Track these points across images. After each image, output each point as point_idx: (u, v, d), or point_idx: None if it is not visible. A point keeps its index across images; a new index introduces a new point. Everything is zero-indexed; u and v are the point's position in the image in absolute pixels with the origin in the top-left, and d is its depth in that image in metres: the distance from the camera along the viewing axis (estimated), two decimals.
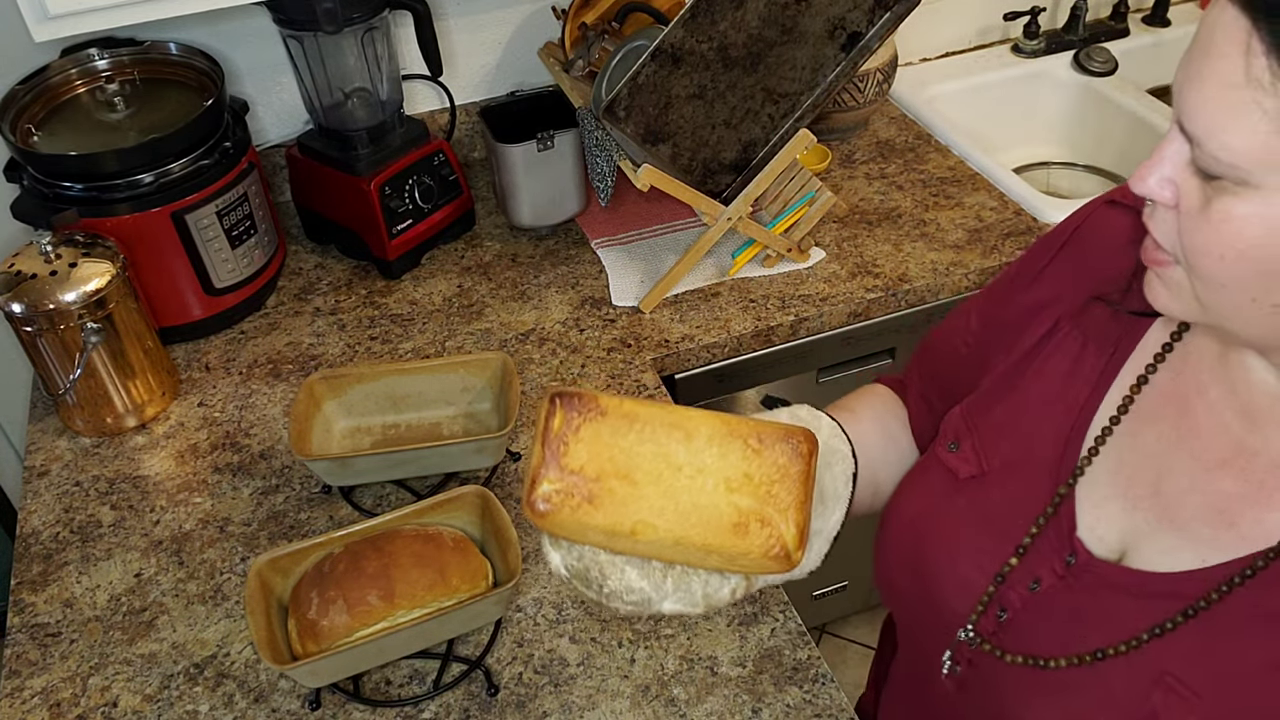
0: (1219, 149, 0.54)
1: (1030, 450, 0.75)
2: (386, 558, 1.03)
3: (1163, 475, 0.69)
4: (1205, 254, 0.57)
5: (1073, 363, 0.75)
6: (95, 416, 1.33)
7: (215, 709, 1.04)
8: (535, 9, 1.71)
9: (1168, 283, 0.62)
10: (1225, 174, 0.54)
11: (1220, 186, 0.55)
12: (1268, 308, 0.57)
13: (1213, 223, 0.56)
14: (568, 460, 0.64)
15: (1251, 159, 0.53)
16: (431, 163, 1.55)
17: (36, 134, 1.38)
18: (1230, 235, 0.55)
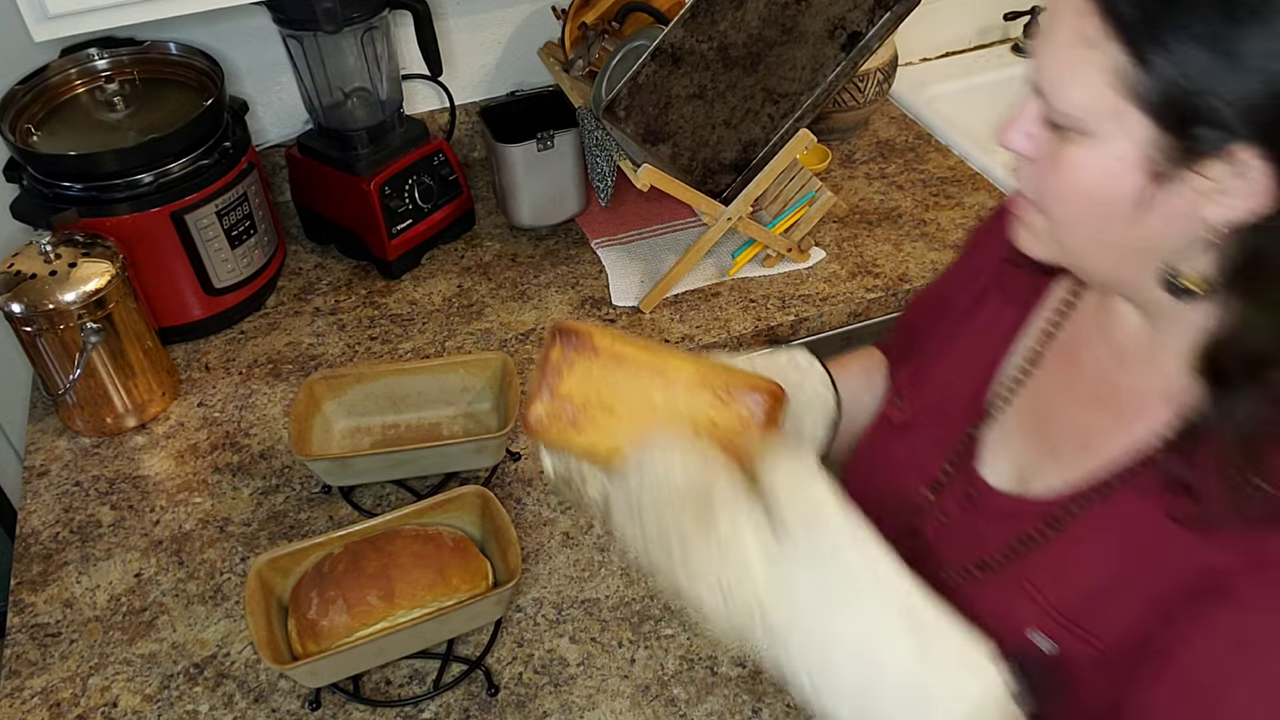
0: (1061, 102, 0.61)
1: (951, 399, 0.84)
2: (386, 558, 1.03)
3: (1051, 414, 0.77)
4: (1057, 198, 0.65)
5: (991, 320, 0.84)
6: (95, 416, 1.33)
7: (215, 709, 1.04)
8: (535, 9, 1.71)
9: (1030, 228, 0.70)
10: (1069, 125, 0.61)
11: (1067, 137, 0.62)
12: (1109, 245, 0.65)
13: (1061, 170, 0.63)
14: (559, 388, 0.72)
15: (1088, 110, 0.60)
16: (431, 162, 1.55)
17: (36, 134, 1.38)
18: (1075, 180, 0.63)
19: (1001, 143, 0.67)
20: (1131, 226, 0.62)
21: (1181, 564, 0.65)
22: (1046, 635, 0.70)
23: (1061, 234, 0.67)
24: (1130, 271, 0.66)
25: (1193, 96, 0.55)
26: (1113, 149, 0.60)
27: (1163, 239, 0.62)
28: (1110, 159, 0.60)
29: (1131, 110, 0.58)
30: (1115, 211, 0.62)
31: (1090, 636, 0.69)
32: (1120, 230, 0.63)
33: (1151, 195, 0.60)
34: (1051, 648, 0.70)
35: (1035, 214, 0.68)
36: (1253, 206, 0.58)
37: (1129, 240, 0.63)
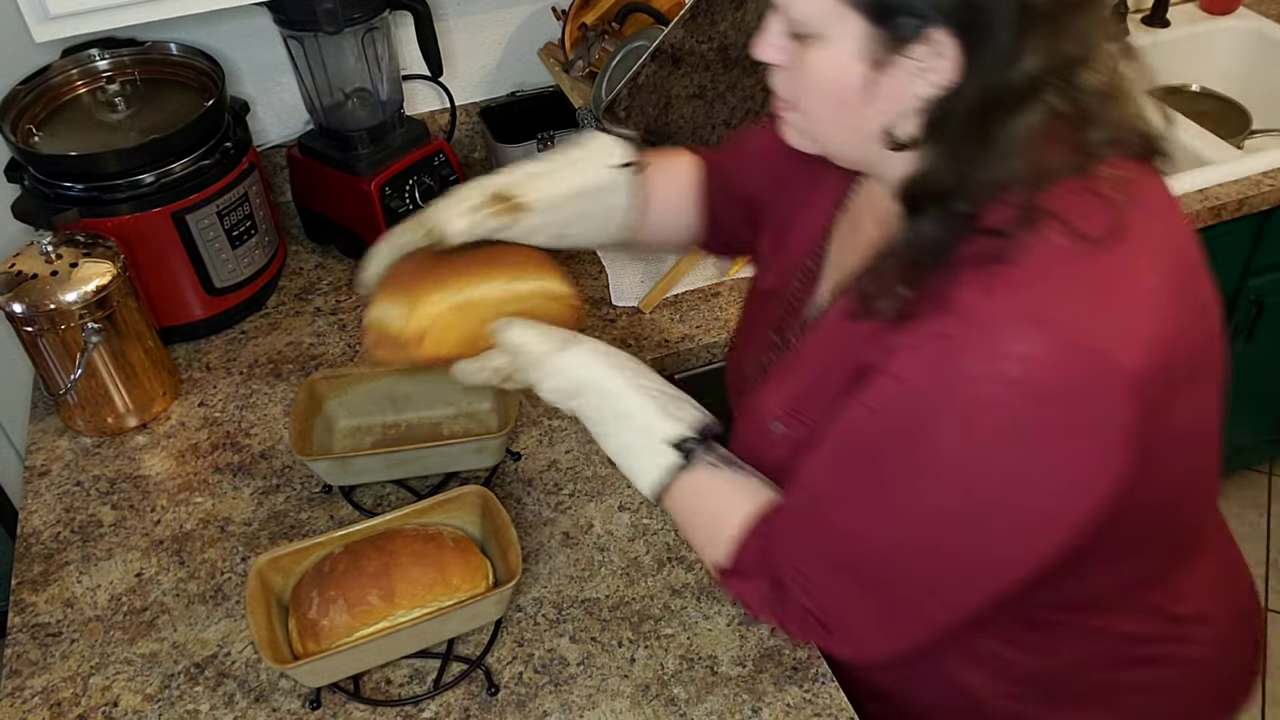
0: (794, 12, 0.75)
1: (796, 266, 1.00)
2: (387, 557, 1.04)
3: (843, 265, 0.93)
4: (803, 95, 0.79)
5: (828, 192, 0.98)
6: (96, 416, 1.33)
7: (216, 708, 1.04)
8: (535, 9, 1.72)
9: (792, 125, 0.84)
10: (805, 31, 0.75)
11: (805, 43, 0.75)
12: (850, 130, 0.78)
13: (803, 70, 0.77)
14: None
15: (815, 16, 0.73)
16: (432, 163, 1.56)
17: (37, 134, 1.38)
18: (815, 77, 0.76)
19: (754, 55, 0.80)
20: (863, 110, 0.76)
21: (854, 359, 0.81)
22: (781, 422, 0.90)
23: (814, 126, 0.81)
24: (869, 149, 0.79)
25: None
26: (839, 47, 0.73)
27: (889, 117, 0.75)
28: (839, 55, 0.74)
29: (847, 11, 0.72)
30: (849, 99, 0.75)
31: (805, 420, 0.87)
32: (855, 115, 0.76)
33: (874, 81, 0.73)
34: (783, 431, 0.89)
35: (792, 112, 0.82)
36: (947, 78, 0.71)
37: (863, 122, 0.77)
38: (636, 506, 1.20)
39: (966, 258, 0.73)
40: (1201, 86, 2.02)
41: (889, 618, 0.82)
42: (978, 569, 0.77)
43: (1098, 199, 0.72)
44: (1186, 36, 2.08)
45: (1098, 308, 0.70)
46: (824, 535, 0.81)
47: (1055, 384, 0.68)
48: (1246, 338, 1.92)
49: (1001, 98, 0.69)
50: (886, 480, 0.76)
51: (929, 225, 0.75)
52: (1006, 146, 0.71)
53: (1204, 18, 2.10)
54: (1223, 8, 2.10)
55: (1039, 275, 0.70)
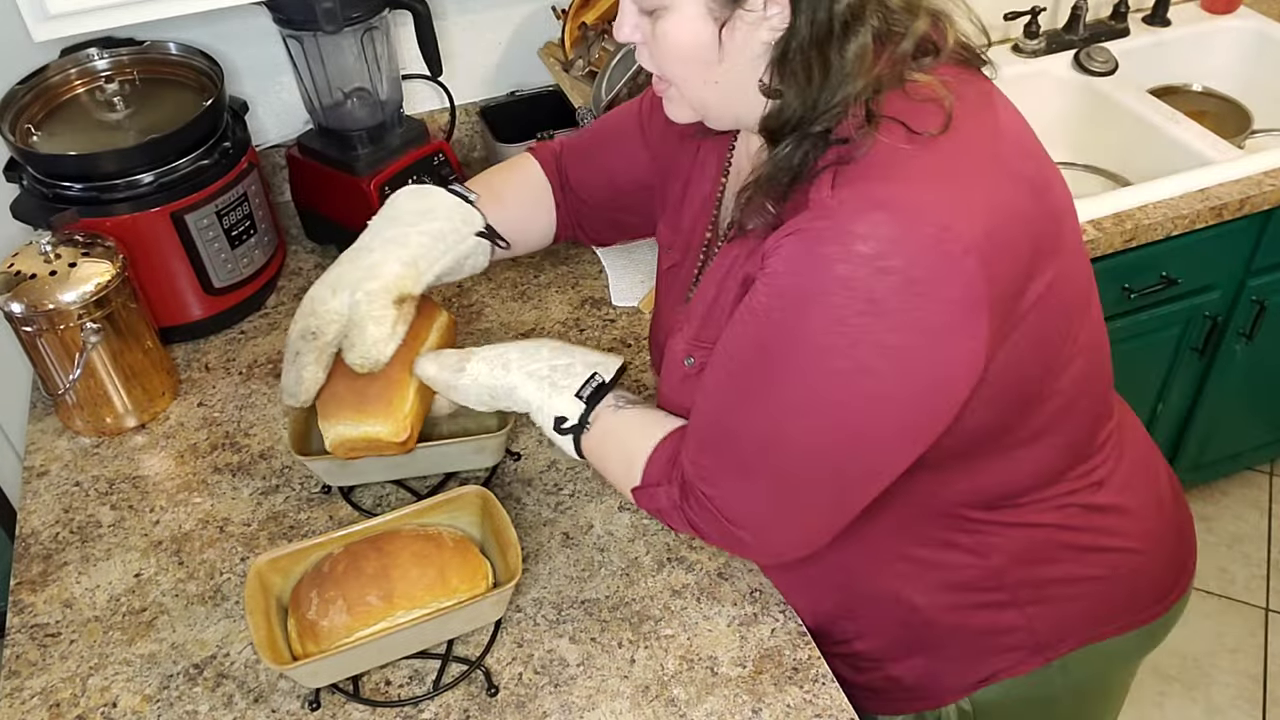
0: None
1: (691, 238, 1.07)
2: (386, 558, 1.03)
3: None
4: (667, 64, 0.86)
5: (706, 167, 1.06)
6: (95, 416, 1.33)
7: (215, 709, 1.04)
8: (535, 9, 1.71)
9: (671, 99, 0.91)
10: (652, 6, 0.83)
11: (655, 16, 0.83)
12: (715, 87, 0.86)
13: (660, 42, 0.84)
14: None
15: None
16: (431, 163, 1.55)
17: (36, 134, 1.38)
18: (672, 45, 0.83)
19: (618, 39, 0.87)
20: (720, 65, 0.83)
21: (739, 276, 0.89)
22: (692, 356, 0.97)
23: (685, 92, 0.88)
24: (739, 101, 0.86)
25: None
26: (684, 12, 0.81)
27: (744, 66, 0.83)
28: (685, 20, 0.81)
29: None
30: (704, 57, 0.83)
31: (709, 345, 0.93)
32: (714, 71, 0.84)
33: (721, 37, 0.81)
34: (694, 363, 0.96)
35: (664, 84, 0.89)
36: (781, 24, 0.79)
37: (724, 77, 0.84)
38: (636, 507, 1.20)
39: (821, 167, 0.81)
40: (1203, 86, 2.01)
41: (786, 505, 0.89)
42: (860, 447, 0.84)
43: (928, 101, 0.81)
44: (1187, 36, 2.08)
45: (934, 188, 0.78)
46: (719, 433, 0.88)
47: (902, 255, 0.76)
48: (1247, 338, 1.92)
49: (830, 29, 0.78)
50: (768, 371, 0.83)
51: (788, 149, 0.83)
52: (845, 69, 0.79)
53: (1205, 17, 2.10)
54: (1224, 7, 2.09)
55: (880, 167, 0.79)
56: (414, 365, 1.08)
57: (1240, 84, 2.03)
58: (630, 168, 1.17)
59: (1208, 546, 2.30)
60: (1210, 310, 1.85)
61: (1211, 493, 2.40)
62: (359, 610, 1.01)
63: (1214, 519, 2.36)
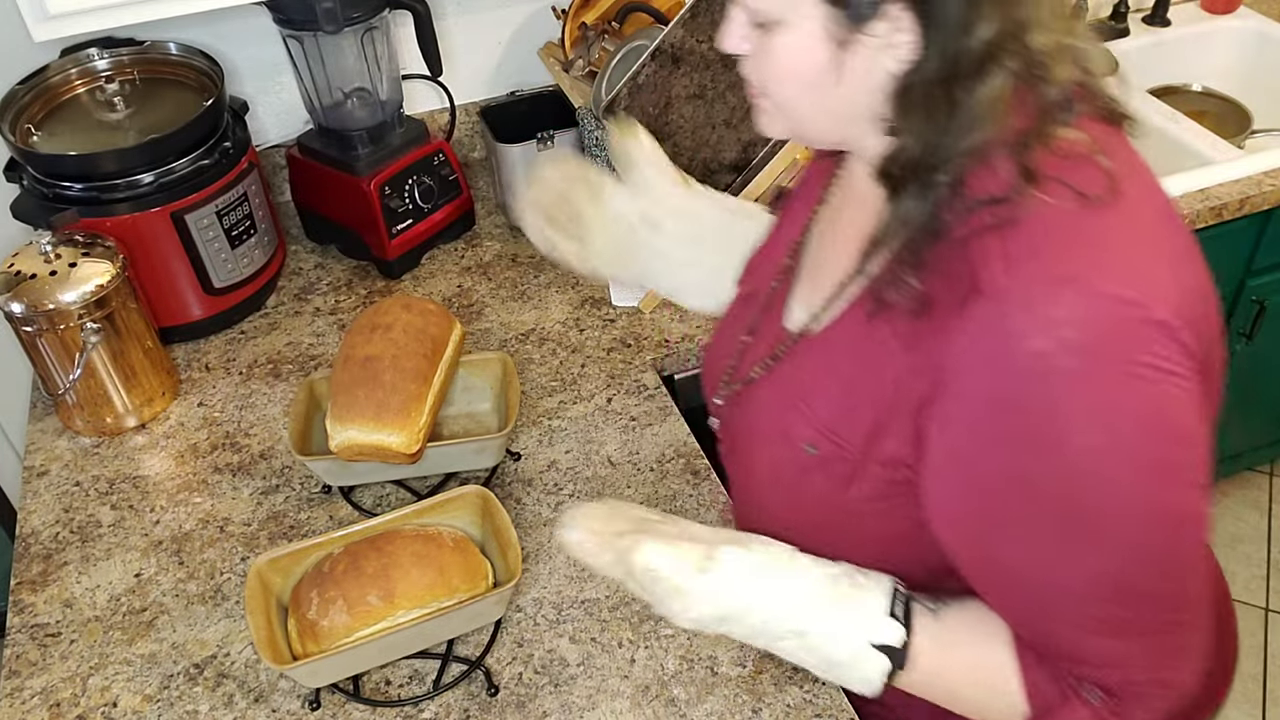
0: (754, 1, 0.76)
1: (770, 266, 0.99)
2: (386, 558, 1.03)
3: (824, 258, 0.92)
4: (773, 80, 0.79)
5: (804, 198, 0.99)
6: (95, 416, 1.33)
7: (215, 709, 1.04)
8: (535, 9, 1.71)
9: (765, 112, 0.84)
10: (766, 19, 0.76)
11: (768, 30, 0.76)
12: (822, 110, 0.79)
13: (769, 57, 0.77)
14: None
15: (773, 4, 0.74)
16: (431, 162, 1.55)
17: (36, 134, 1.38)
18: (782, 63, 0.76)
19: (721, 48, 0.81)
20: (834, 90, 0.76)
21: (884, 366, 0.78)
22: (813, 445, 0.84)
23: (786, 110, 0.81)
24: (845, 129, 0.80)
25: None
26: (802, 30, 0.74)
27: (861, 94, 0.75)
28: (802, 39, 0.74)
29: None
30: (818, 81, 0.76)
31: (842, 442, 0.82)
32: (826, 95, 0.77)
33: (840, 61, 0.74)
34: (815, 451, 0.84)
35: (763, 99, 0.82)
36: (909, 52, 0.71)
37: (835, 103, 0.77)
38: None
39: (971, 232, 0.72)
40: (1203, 86, 2.01)
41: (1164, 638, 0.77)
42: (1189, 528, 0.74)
43: (1079, 160, 0.73)
44: (1187, 36, 2.08)
45: (1121, 258, 0.69)
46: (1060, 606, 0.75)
47: (1114, 334, 0.67)
48: (1247, 338, 1.92)
49: (962, 65, 0.70)
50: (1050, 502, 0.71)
51: (913, 202, 0.75)
52: (974, 112, 0.71)
53: (1205, 17, 2.10)
54: (1223, 7, 2.09)
55: (1058, 237, 0.70)
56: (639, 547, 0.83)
57: (1240, 84, 2.03)
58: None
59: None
60: None
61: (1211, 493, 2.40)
62: (359, 610, 1.01)
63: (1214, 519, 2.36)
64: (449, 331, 1.22)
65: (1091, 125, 0.76)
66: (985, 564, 0.78)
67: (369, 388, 1.13)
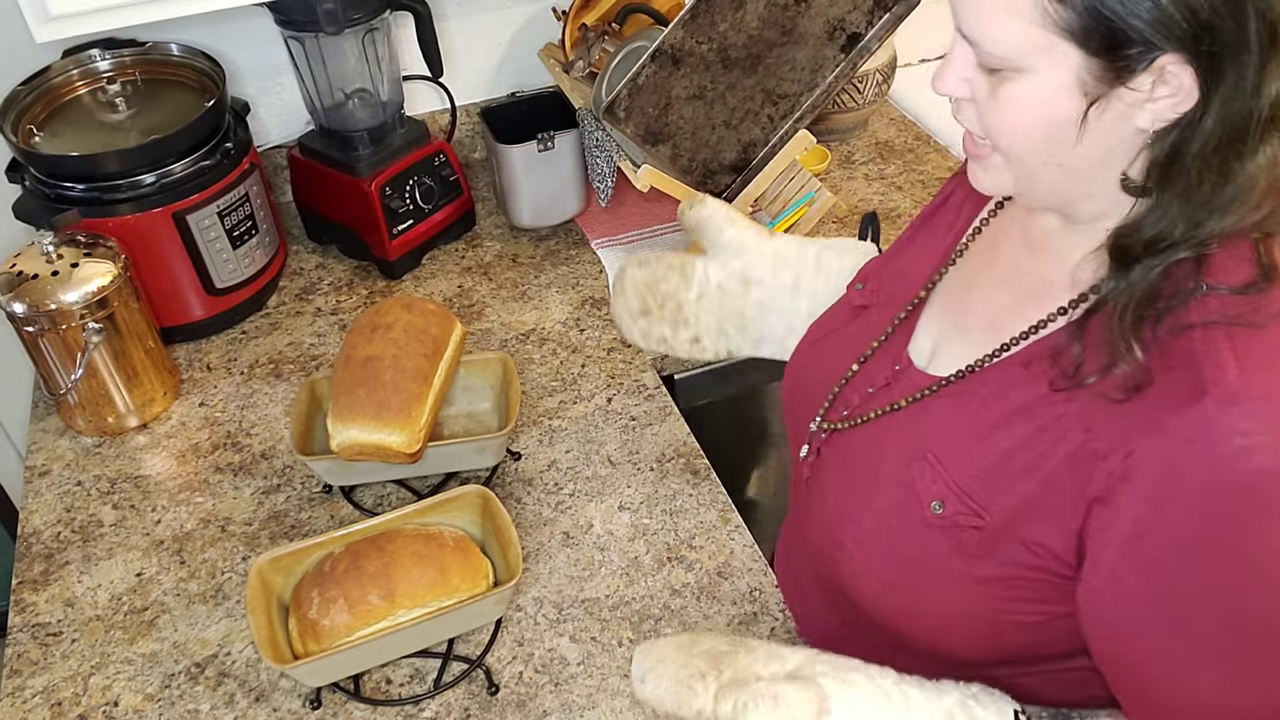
0: (993, 46, 0.66)
1: (905, 286, 0.91)
2: (387, 557, 1.04)
3: (969, 294, 0.85)
4: (1004, 132, 0.70)
5: (949, 219, 0.92)
6: (97, 416, 1.33)
7: (216, 708, 1.04)
8: (535, 10, 1.72)
9: (987, 167, 0.75)
10: (1003, 65, 0.66)
11: (1002, 76, 0.67)
12: (1057, 167, 0.69)
13: (1002, 105, 0.68)
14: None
15: (1019, 50, 0.65)
16: (432, 163, 1.56)
17: (38, 134, 1.39)
18: (1018, 113, 0.67)
19: (938, 90, 0.73)
20: (1075, 146, 0.67)
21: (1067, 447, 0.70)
22: (942, 503, 0.77)
23: (1014, 165, 0.72)
24: (1078, 188, 0.71)
25: (1113, 20, 0.60)
26: (1048, 80, 0.65)
27: (1103, 152, 0.67)
28: (1047, 89, 0.65)
29: (1059, 42, 0.63)
30: (1059, 135, 0.67)
31: (980, 509, 0.75)
32: (1066, 151, 0.68)
33: (1088, 115, 0.65)
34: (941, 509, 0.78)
35: (988, 150, 0.73)
36: (1178, 109, 0.63)
37: (1074, 159, 0.68)
38: (636, 506, 1.21)
39: (1202, 316, 0.65)
40: None
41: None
42: None
43: None
44: None
45: None
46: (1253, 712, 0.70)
47: None
48: None
49: (1244, 130, 0.62)
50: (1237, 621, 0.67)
51: (1145, 275, 0.66)
52: (1244, 185, 0.63)
53: None
54: None
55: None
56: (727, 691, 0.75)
57: None
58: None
59: None
60: None
61: None
62: (360, 609, 1.01)
63: None
64: (449, 331, 1.23)
65: None
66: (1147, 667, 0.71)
67: (370, 387, 1.14)
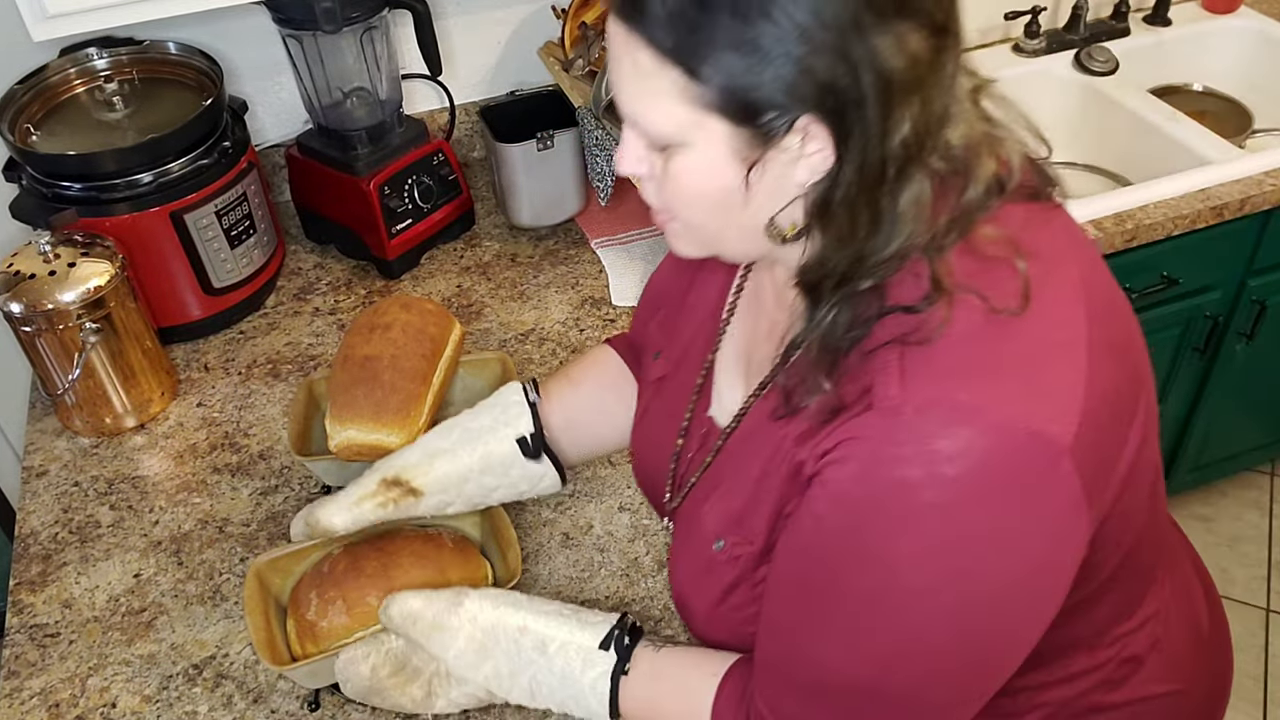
0: (651, 126, 0.70)
1: (689, 348, 0.96)
2: (386, 558, 1.03)
3: (750, 350, 0.89)
4: (679, 203, 0.75)
5: (716, 275, 0.96)
6: (94, 417, 1.32)
7: (214, 710, 1.04)
8: (535, 9, 1.71)
9: (676, 234, 0.79)
10: (666, 142, 0.70)
11: (670, 152, 0.71)
12: (735, 228, 0.74)
13: (674, 180, 0.72)
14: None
15: (673, 126, 0.69)
16: (431, 162, 1.55)
17: (35, 133, 1.38)
18: (688, 185, 0.72)
19: (620, 172, 0.76)
20: (745, 208, 0.72)
21: (787, 463, 0.76)
22: (723, 539, 0.83)
23: (697, 231, 0.77)
24: (760, 243, 0.75)
25: (745, 92, 0.65)
26: (706, 152, 0.69)
27: (772, 208, 0.72)
28: (707, 160, 0.70)
29: (706, 116, 0.67)
30: (727, 200, 0.72)
31: (747, 533, 0.81)
32: (737, 213, 0.73)
33: (749, 178, 0.70)
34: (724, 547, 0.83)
35: (671, 220, 0.78)
36: (828, 162, 0.67)
37: (746, 219, 0.73)
38: (636, 507, 1.20)
39: (881, 337, 0.70)
40: (1204, 86, 2.01)
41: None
42: (961, 676, 0.74)
43: (998, 263, 0.70)
44: (1188, 35, 2.08)
45: (1021, 386, 0.68)
46: (803, 672, 0.77)
47: (994, 476, 0.66)
48: (1247, 338, 1.92)
49: (882, 172, 0.67)
50: (850, 605, 0.72)
51: (835, 310, 0.72)
52: (898, 218, 0.68)
53: (1206, 16, 2.10)
54: (1224, 7, 2.09)
55: (958, 359, 0.68)
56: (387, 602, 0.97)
57: (1241, 84, 2.03)
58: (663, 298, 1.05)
59: (1208, 546, 2.29)
60: (1211, 310, 1.85)
61: (1211, 493, 2.39)
62: (358, 611, 1.00)
63: (1214, 519, 2.36)
64: (448, 331, 1.22)
65: (1015, 208, 0.73)
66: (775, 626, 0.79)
67: (368, 387, 1.13)
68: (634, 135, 0.74)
